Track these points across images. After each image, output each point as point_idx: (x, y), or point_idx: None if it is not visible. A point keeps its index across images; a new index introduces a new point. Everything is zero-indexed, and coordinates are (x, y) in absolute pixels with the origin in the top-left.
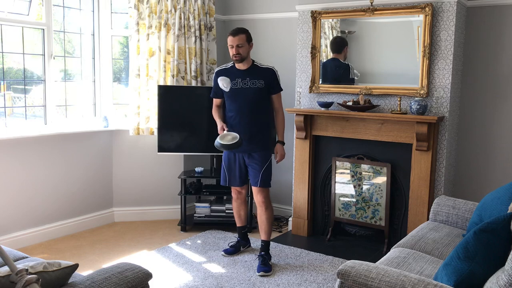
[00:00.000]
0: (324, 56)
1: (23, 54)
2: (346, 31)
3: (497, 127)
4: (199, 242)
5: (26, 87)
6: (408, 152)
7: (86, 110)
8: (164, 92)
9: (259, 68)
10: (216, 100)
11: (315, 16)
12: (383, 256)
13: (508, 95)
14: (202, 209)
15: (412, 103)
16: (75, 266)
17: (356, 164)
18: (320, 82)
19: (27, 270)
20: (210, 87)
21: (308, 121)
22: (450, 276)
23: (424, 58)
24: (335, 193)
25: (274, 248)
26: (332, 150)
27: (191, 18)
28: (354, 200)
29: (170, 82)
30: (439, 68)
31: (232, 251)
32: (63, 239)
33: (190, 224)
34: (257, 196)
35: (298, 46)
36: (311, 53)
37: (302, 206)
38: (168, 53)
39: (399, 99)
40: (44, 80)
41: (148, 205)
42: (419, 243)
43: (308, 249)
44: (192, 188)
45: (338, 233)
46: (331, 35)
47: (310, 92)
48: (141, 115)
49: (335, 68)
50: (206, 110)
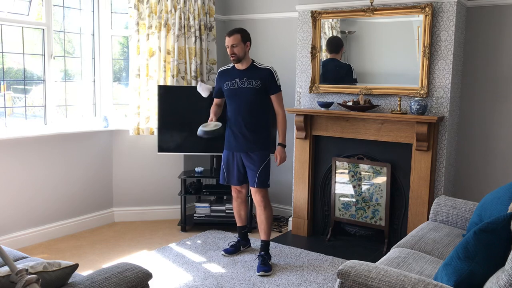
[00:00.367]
0: (324, 56)
1: (23, 54)
2: (346, 31)
3: (497, 127)
4: (199, 242)
5: (26, 87)
6: (408, 152)
7: (86, 110)
8: (164, 92)
9: (257, 68)
10: (217, 100)
11: (315, 16)
12: (383, 256)
13: (508, 95)
14: (202, 209)
15: (412, 103)
16: (75, 266)
17: (356, 164)
18: (320, 82)
19: (27, 270)
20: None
21: (308, 121)
22: (450, 276)
23: (424, 58)
24: (335, 193)
25: (274, 248)
26: (332, 150)
27: (191, 18)
28: (354, 200)
29: (170, 82)
30: (439, 68)
31: (232, 251)
32: (63, 239)
33: (190, 224)
34: (255, 196)
35: (298, 46)
36: (311, 53)
37: (302, 206)
38: (168, 53)
39: (399, 99)
40: (44, 80)
41: (148, 205)
42: (419, 243)
43: (308, 249)
44: (192, 188)
45: (338, 233)
46: (331, 35)
47: (310, 92)
48: (141, 115)
49: (335, 68)
50: (206, 110)
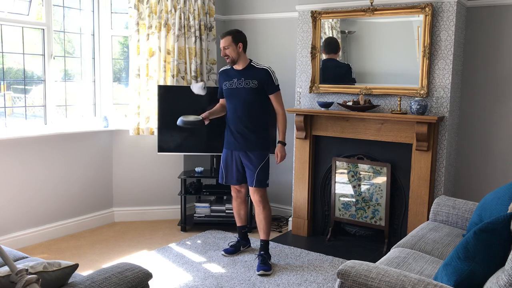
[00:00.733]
0: (324, 56)
1: (23, 54)
2: (346, 31)
3: (497, 127)
4: (199, 242)
5: (26, 87)
6: (408, 152)
7: (86, 110)
8: (164, 92)
9: (254, 68)
10: (222, 100)
11: (315, 16)
12: (383, 256)
13: (508, 95)
14: (202, 209)
15: (412, 103)
16: (75, 266)
17: (356, 164)
18: (320, 82)
19: (27, 270)
20: (209, 87)
21: (308, 121)
22: (450, 276)
23: (424, 58)
24: (335, 193)
25: (274, 248)
26: (332, 150)
27: (191, 18)
28: (354, 200)
29: (170, 82)
30: (439, 68)
31: (232, 251)
32: (63, 239)
33: (190, 224)
34: (253, 195)
35: (298, 46)
36: (311, 53)
37: (302, 206)
38: (168, 53)
39: (399, 99)
40: (44, 80)
41: (148, 205)
42: (419, 243)
43: (308, 249)
44: (192, 188)
45: (338, 233)
46: (331, 35)
47: (310, 92)
48: (141, 115)
49: (334, 68)
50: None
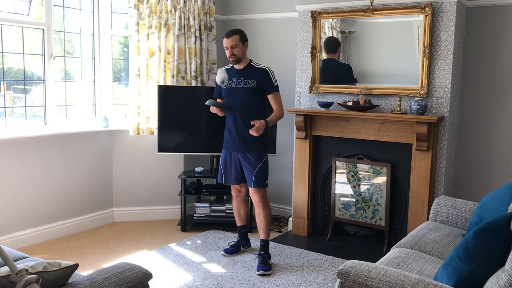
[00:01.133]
0: (324, 56)
1: (23, 54)
2: (346, 31)
3: (497, 127)
4: (199, 242)
5: (26, 87)
6: (408, 152)
7: (86, 110)
8: (164, 92)
9: (254, 68)
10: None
11: (315, 16)
12: (383, 256)
13: (508, 95)
14: (202, 209)
15: (412, 103)
16: (75, 266)
17: (356, 164)
18: (320, 82)
19: (27, 270)
20: (210, 87)
21: (308, 121)
22: (450, 276)
23: (424, 58)
24: (335, 193)
25: (274, 248)
26: (332, 150)
27: (191, 18)
28: (354, 200)
29: (170, 82)
30: (439, 68)
31: (232, 251)
32: (63, 239)
33: (190, 224)
34: (253, 196)
35: (298, 46)
36: (311, 53)
37: (302, 206)
38: (168, 53)
39: (399, 99)
40: (44, 80)
41: (148, 205)
42: (419, 243)
43: (308, 249)
44: (192, 188)
45: (338, 233)
46: (331, 35)
47: (310, 92)
48: (141, 115)
49: (334, 68)
50: (206, 110)
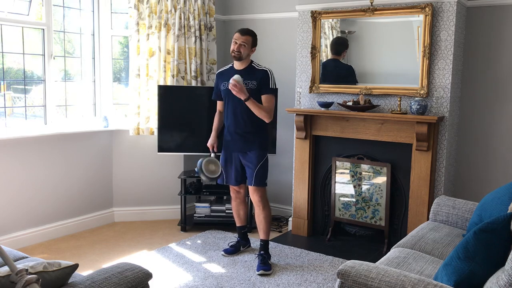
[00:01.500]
0: (324, 56)
1: (23, 54)
2: (346, 31)
3: (497, 127)
4: (199, 242)
5: (26, 87)
6: (408, 152)
7: (86, 110)
8: (164, 92)
9: (255, 69)
10: (219, 104)
11: (315, 16)
12: (383, 256)
13: (508, 95)
14: (202, 209)
15: (412, 103)
16: (75, 266)
17: (356, 164)
18: (320, 82)
19: (27, 270)
20: (210, 87)
21: (308, 121)
22: (450, 276)
23: (424, 58)
24: (335, 193)
25: (274, 248)
26: (332, 150)
27: (191, 18)
28: (354, 200)
29: (170, 82)
30: (439, 68)
31: (232, 251)
32: (63, 239)
33: (190, 224)
34: (253, 195)
35: (298, 46)
36: (311, 53)
37: (302, 206)
38: (168, 53)
39: (399, 99)
40: (44, 80)
41: (148, 205)
42: (419, 243)
43: (308, 249)
44: (192, 188)
45: (338, 233)
46: (331, 35)
47: (310, 92)
48: (141, 115)
49: (335, 68)
50: (206, 110)
